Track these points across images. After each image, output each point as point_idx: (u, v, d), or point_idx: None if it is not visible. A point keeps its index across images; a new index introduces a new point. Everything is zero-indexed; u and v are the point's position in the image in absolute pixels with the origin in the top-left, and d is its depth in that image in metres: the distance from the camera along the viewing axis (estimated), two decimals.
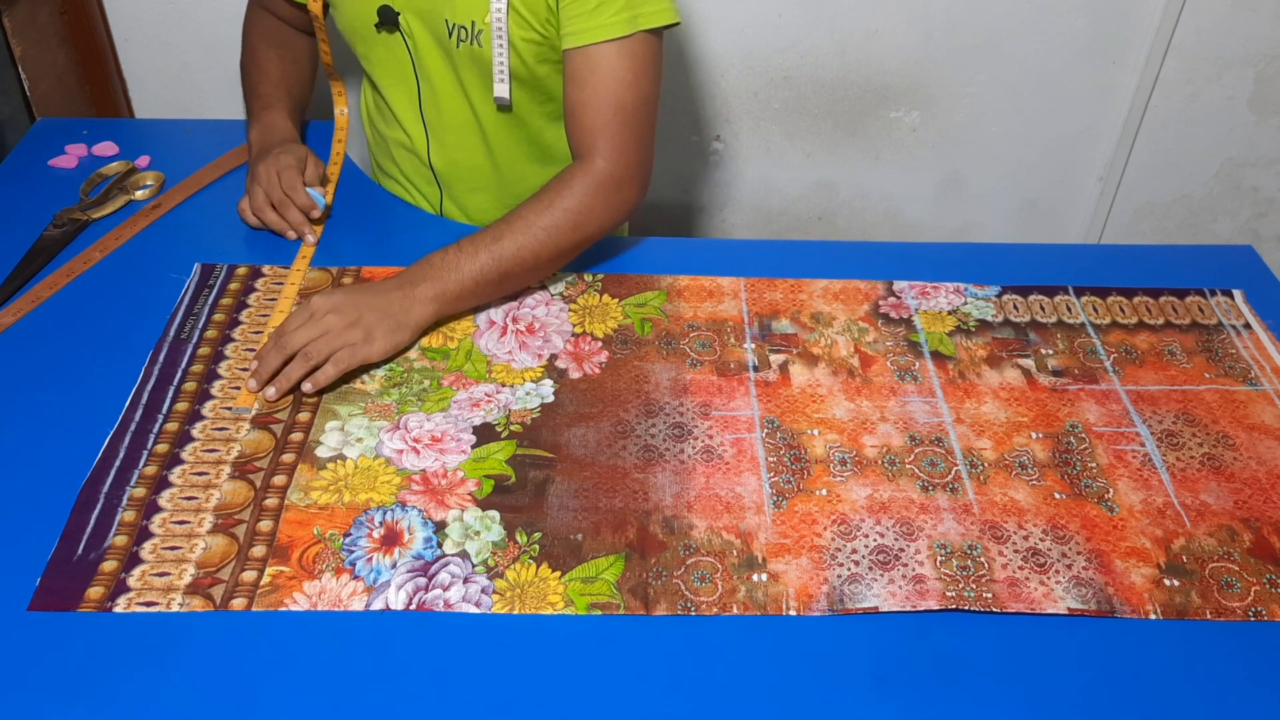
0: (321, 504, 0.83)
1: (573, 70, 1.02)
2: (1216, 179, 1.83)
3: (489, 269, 0.98)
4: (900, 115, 1.74)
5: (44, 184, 1.19)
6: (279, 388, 0.91)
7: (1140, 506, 0.85)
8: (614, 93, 1.02)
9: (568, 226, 1.01)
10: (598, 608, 0.77)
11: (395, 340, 0.95)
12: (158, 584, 0.77)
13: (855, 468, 0.88)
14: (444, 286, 0.97)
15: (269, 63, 1.20)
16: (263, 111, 1.17)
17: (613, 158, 1.03)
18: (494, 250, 0.98)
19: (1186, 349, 1.01)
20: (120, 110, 1.64)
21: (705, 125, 1.76)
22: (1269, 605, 0.78)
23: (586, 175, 1.02)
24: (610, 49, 1.00)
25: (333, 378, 0.91)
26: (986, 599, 0.78)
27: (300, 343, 0.92)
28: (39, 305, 1.01)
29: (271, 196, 1.08)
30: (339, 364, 0.92)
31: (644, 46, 1.02)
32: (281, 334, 0.93)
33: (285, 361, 0.92)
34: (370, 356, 0.93)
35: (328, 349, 0.92)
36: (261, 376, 0.92)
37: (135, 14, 1.59)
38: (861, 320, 1.03)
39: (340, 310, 0.93)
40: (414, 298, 0.96)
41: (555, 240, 1.00)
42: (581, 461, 0.88)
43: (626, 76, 1.01)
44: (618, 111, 1.02)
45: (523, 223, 1.00)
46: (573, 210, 1.01)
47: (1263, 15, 1.64)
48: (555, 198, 1.01)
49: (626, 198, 1.05)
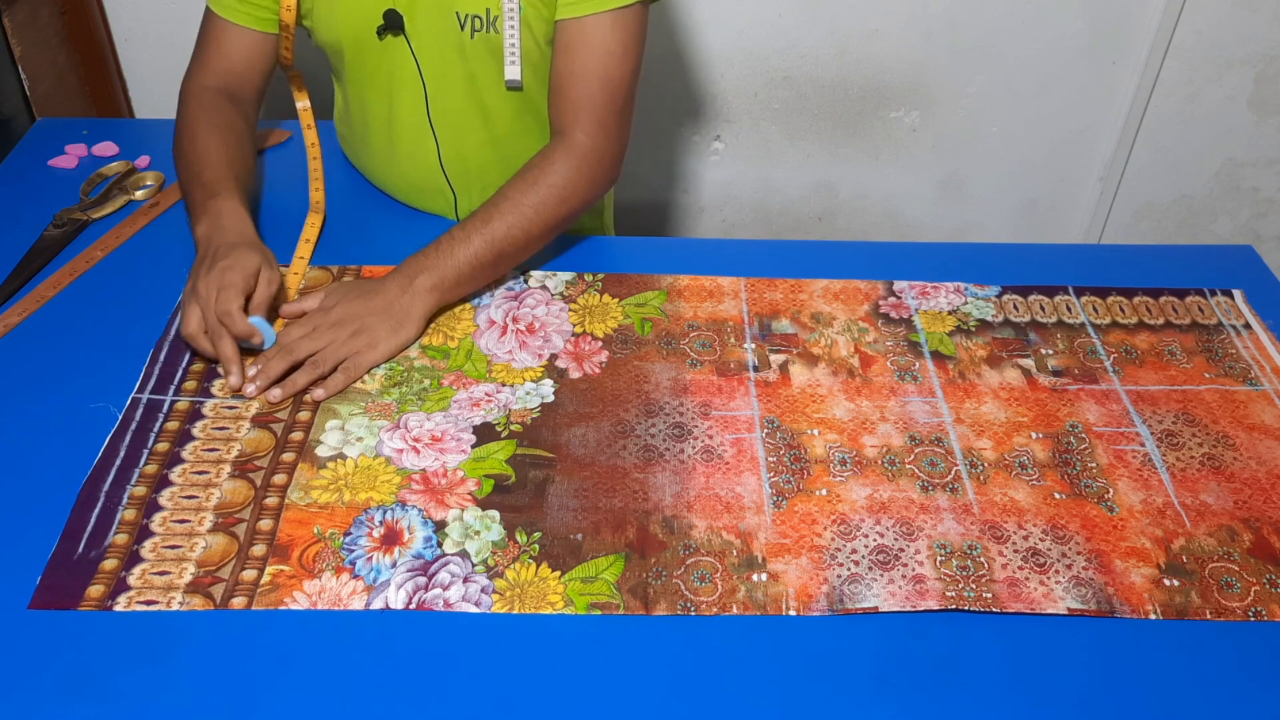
0: (321, 503, 0.83)
1: (564, 40, 1.03)
2: (1216, 179, 1.83)
3: (483, 252, 1.00)
4: (900, 115, 1.74)
5: (44, 184, 1.20)
6: (285, 391, 0.91)
7: (1140, 506, 0.85)
8: (603, 64, 1.03)
9: (554, 202, 1.03)
10: (597, 607, 0.77)
11: (400, 338, 0.97)
12: (158, 583, 0.77)
13: (855, 468, 0.88)
14: (441, 275, 0.98)
15: (211, 146, 1.06)
16: (209, 201, 1.01)
17: (594, 132, 1.04)
18: (486, 233, 1.00)
19: (1186, 349, 1.01)
20: (120, 110, 1.64)
21: (705, 125, 1.76)
22: (1269, 605, 0.78)
23: (568, 151, 1.04)
24: (605, 20, 1.02)
25: (343, 385, 0.93)
26: (986, 599, 0.78)
27: (306, 352, 0.94)
28: (43, 305, 1.01)
29: (206, 320, 0.92)
30: (349, 372, 0.93)
31: (635, 20, 1.03)
32: (284, 341, 0.94)
33: (290, 368, 0.93)
34: (377, 360, 0.95)
35: (334, 358, 0.94)
36: (269, 379, 0.92)
37: (135, 14, 1.59)
38: (861, 320, 1.03)
39: (343, 322, 0.95)
40: (413, 291, 0.97)
41: (543, 217, 1.02)
42: (581, 461, 0.88)
43: (616, 49, 1.03)
44: (604, 85, 1.04)
45: (510, 203, 1.01)
46: (558, 186, 1.03)
47: (1263, 15, 1.64)
48: (540, 175, 1.03)
49: (606, 171, 1.07)
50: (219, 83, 1.12)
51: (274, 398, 0.91)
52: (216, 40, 1.12)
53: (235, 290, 0.91)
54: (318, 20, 1.09)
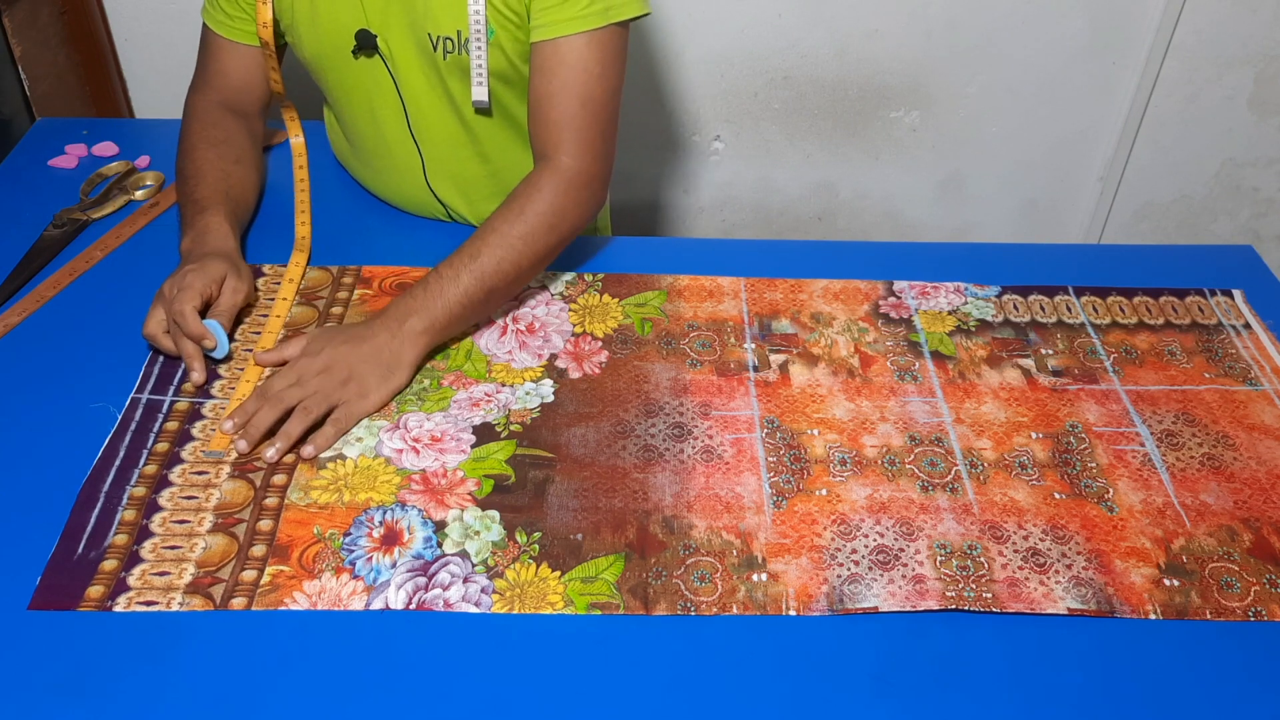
0: (321, 503, 0.83)
1: (540, 62, 1.01)
2: (1216, 179, 1.83)
3: (473, 289, 0.96)
4: (900, 115, 1.74)
5: (44, 184, 1.20)
6: (279, 448, 0.86)
7: (1140, 506, 0.85)
8: (582, 84, 1.00)
9: (543, 230, 0.99)
10: (597, 607, 0.77)
11: (391, 386, 0.92)
12: (158, 583, 0.77)
13: (855, 468, 0.88)
14: (433, 317, 0.94)
15: (206, 163, 1.07)
16: (196, 218, 1.02)
17: (578, 154, 1.01)
18: (474, 269, 0.96)
19: (1186, 349, 1.01)
20: (120, 110, 1.64)
21: (705, 125, 1.76)
22: (1269, 605, 0.78)
23: (554, 176, 1.01)
24: (580, 41, 0.99)
25: (334, 439, 0.88)
26: (986, 599, 0.78)
27: (294, 400, 0.88)
28: (43, 305, 1.01)
29: (168, 320, 0.93)
30: (339, 424, 0.89)
31: (613, 38, 1.00)
32: (270, 391, 0.89)
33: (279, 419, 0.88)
34: (368, 410, 0.91)
35: (325, 404, 0.89)
36: (253, 436, 0.86)
37: (135, 14, 1.59)
38: (861, 320, 1.03)
39: (330, 369, 0.90)
40: (403, 336, 0.93)
41: (532, 247, 0.99)
42: (581, 461, 0.88)
43: (595, 69, 1.00)
44: (584, 104, 1.01)
45: (497, 235, 0.98)
46: (545, 214, 0.99)
47: (1263, 15, 1.64)
48: (526, 204, 0.99)
49: (594, 193, 1.04)
50: (220, 97, 1.12)
51: (270, 457, 0.86)
52: (214, 57, 1.12)
53: (193, 292, 0.93)
54: (297, 37, 1.08)
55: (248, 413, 0.88)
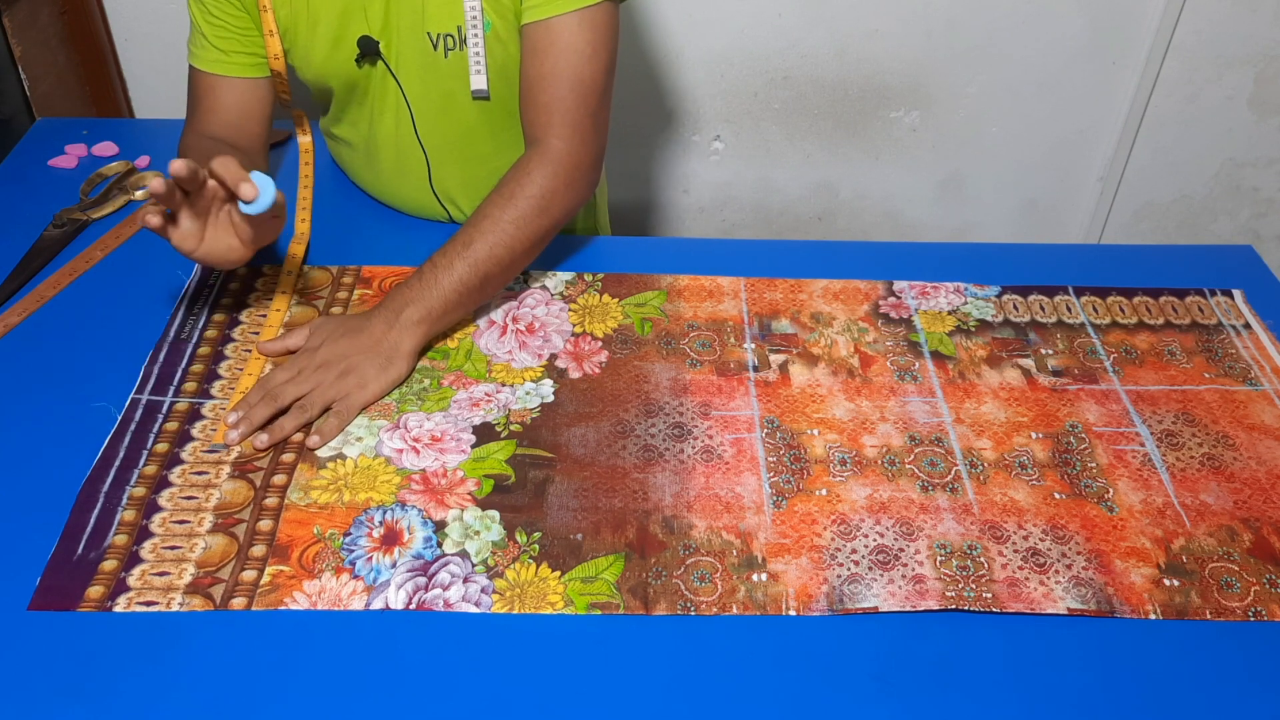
0: (321, 503, 0.83)
1: (532, 43, 1.00)
2: (1216, 179, 1.83)
3: (468, 276, 0.96)
4: (900, 115, 1.74)
5: (44, 184, 1.20)
6: (272, 437, 0.87)
7: (1140, 506, 0.85)
8: (573, 67, 1.00)
9: (534, 213, 0.99)
10: (597, 607, 0.77)
11: (390, 376, 0.93)
12: (158, 583, 0.77)
13: (855, 468, 0.88)
14: (429, 306, 0.95)
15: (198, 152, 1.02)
16: None
17: (569, 136, 1.01)
18: (468, 256, 0.96)
19: (1186, 349, 1.01)
20: (120, 110, 1.64)
21: (705, 125, 1.76)
22: (1269, 605, 0.78)
23: (544, 158, 1.01)
24: (571, 20, 0.99)
25: (338, 430, 0.89)
26: (986, 599, 0.78)
27: (292, 396, 0.90)
28: (43, 305, 1.01)
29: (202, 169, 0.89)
30: (341, 416, 0.89)
31: (604, 17, 1.00)
32: (269, 386, 0.90)
33: (277, 413, 0.89)
34: (368, 400, 0.91)
35: (323, 401, 0.90)
36: (245, 430, 0.88)
37: (135, 14, 1.59)
38: (861, 320, 1.03)
39: (329, 364, 0.91)
40: (400, 326, 0.94)
41: (525, 231, 0.99)
42: (581, 461, 0.88)
43: (585, 49, 1.00)
44: (574, 87, 1.00)
45: (489, 221, 0.98)
46: (536, 197, 0.99)
47: (1263, 15, 1.64)
48: (517, 188, 1.00)
49: (586, 176, 1.04)
50: (217, 135, 1.08)
51: (260, 444, 0.87)
52: (207, 97, 1.08)
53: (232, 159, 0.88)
54: (297, 59, 1.07)
55: (249, 404, 0.89)
